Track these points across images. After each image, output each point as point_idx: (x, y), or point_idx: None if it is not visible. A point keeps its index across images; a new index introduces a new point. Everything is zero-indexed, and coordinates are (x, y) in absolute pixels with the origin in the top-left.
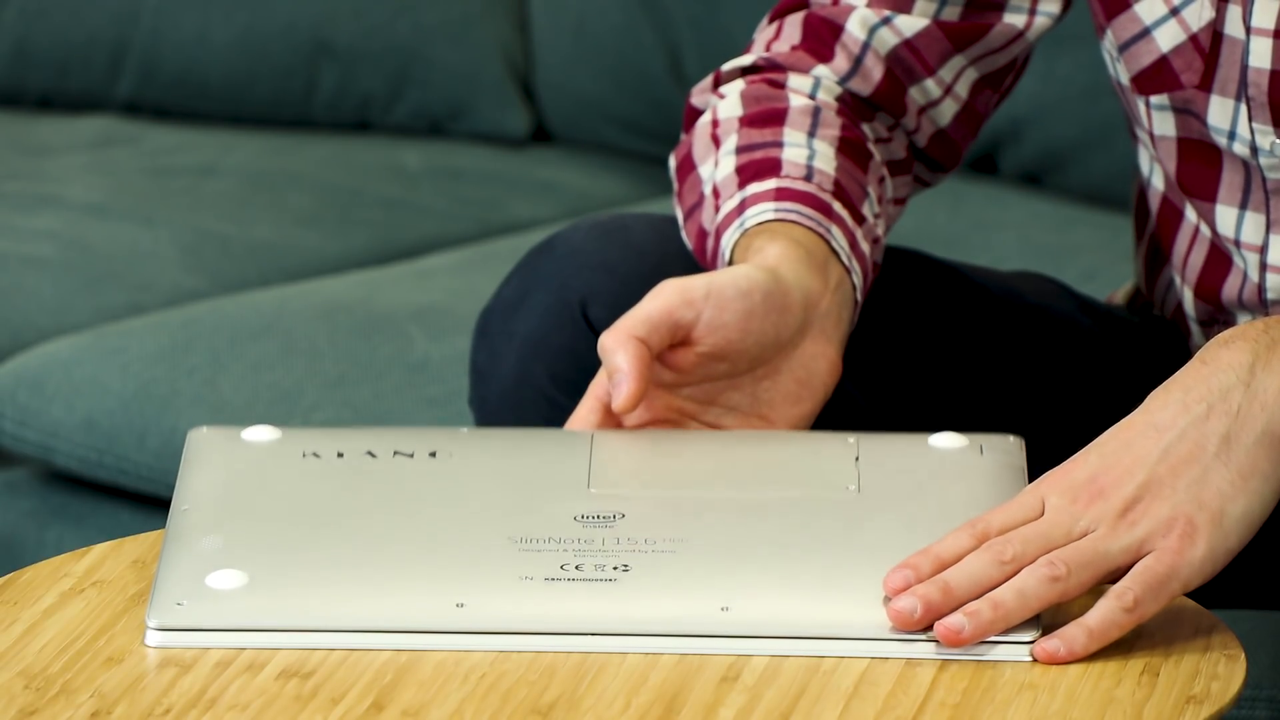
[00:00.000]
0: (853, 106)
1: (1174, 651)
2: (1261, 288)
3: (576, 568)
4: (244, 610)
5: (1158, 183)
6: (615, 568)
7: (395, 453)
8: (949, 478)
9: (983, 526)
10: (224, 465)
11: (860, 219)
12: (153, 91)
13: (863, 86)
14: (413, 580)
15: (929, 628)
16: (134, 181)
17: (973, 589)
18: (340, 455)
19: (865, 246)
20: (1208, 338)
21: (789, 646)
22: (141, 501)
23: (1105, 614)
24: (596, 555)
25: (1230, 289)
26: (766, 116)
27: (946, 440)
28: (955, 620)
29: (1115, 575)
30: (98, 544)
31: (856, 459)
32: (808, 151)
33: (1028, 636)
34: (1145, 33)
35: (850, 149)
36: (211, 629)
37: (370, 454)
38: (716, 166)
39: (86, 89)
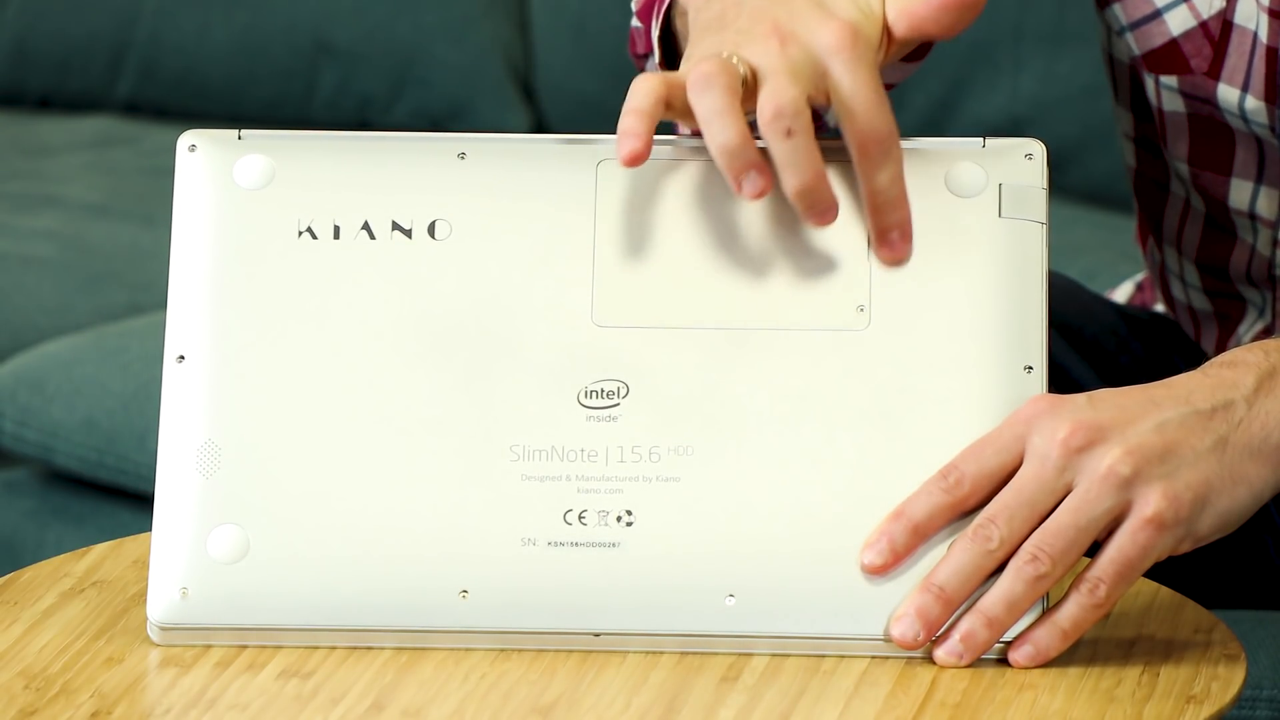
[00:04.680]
0: None
1: (1174, 651)
2: (1272, 263)
3: (580, 517)
4: (247, 600)
5: (1130, 159)
6: (619, 518)
7: (394, 225)
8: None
9: (955, 477)
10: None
11: None
12: (153, 91)
13: None
14: (417, 564)
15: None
16: (134, 181)
17: (966, 587)
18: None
19: None
20: (1214, 307)
21: (792, 632)
22: (142, 501)
23: (1077, 612)
24: (598, 489)
25: (1238, 262)
26: None
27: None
28: (954, 648)
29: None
30: (98, 544)
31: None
32: None
33: (1008, 635)
34: (1156, 14)
35: None
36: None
37: (368, 230)
38: None
39: (86, 89)
